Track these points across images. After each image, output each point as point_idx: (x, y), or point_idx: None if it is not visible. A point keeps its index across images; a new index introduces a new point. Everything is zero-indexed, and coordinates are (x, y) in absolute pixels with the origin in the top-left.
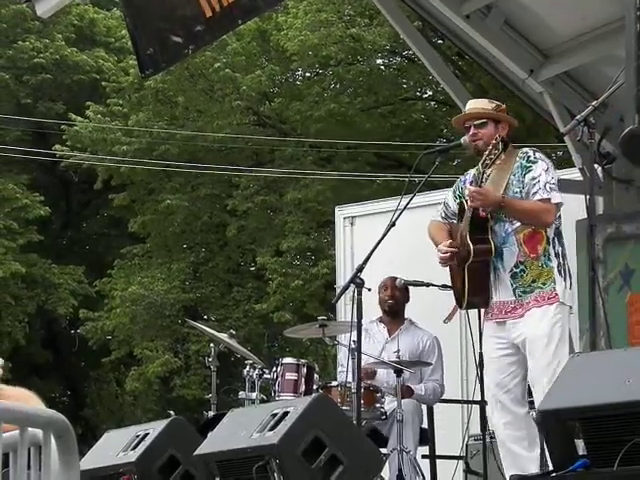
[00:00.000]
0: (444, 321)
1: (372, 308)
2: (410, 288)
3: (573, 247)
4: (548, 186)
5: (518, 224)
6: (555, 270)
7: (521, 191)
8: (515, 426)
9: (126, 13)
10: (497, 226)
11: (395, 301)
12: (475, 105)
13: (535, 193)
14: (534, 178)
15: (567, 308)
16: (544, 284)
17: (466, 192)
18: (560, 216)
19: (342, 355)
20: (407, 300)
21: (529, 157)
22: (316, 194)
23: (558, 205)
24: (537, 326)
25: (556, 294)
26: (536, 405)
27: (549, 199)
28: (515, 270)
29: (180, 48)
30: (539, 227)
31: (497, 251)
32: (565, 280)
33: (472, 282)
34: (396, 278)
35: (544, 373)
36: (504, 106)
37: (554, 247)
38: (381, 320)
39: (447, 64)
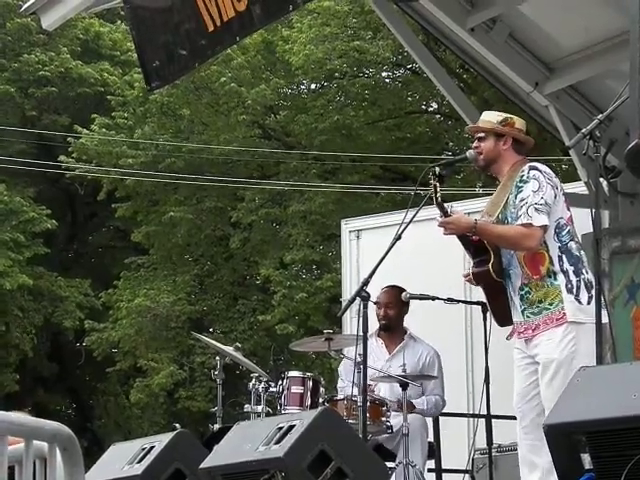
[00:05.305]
0: (507, 338)
1: (377, 321)
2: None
3: None
4: (532, 209)
5: None
6: (563, 288)
7: (515, 211)
8: (534, 434)
9: (132, 27)
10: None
11: (388, 320)
12: (482, 117)
13: (519, 217)
14: (522, 200)
15: (582, 325)
16: (551, 304)
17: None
18: (569, 231)
19: (342, 368)
20: (406, 312)
21: (522, 176)
22: (320, 207)
23: (544, 227)
24: (546, 351)
25: (564, 314)
26: None
27: (530, 223)
28: (521, 292)
29: (187, 61)
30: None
31: (505, 273)
32: (578, 296)
33: (496, 301)
34: (395, 290)
35: (552, 399)
36: (512, 120)
37: (561, 265)
38: (379, 335)
39: (452, 77)
